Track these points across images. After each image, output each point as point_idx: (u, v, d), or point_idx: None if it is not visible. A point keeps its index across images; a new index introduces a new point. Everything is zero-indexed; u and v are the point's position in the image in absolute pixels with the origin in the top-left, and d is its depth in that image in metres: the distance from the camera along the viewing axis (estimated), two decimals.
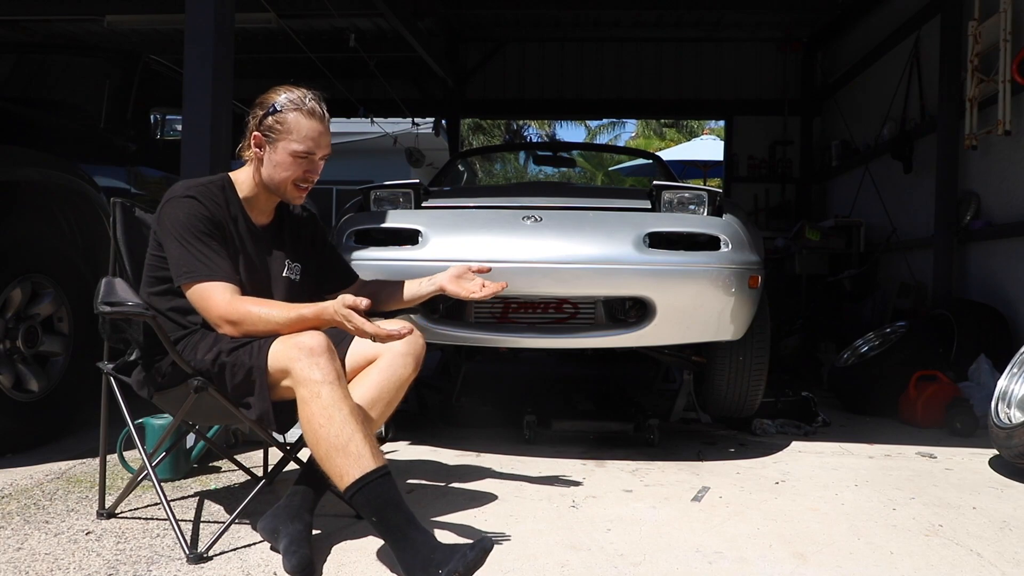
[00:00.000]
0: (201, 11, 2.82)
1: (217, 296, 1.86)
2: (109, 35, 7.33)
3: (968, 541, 2.06)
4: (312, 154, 2.00)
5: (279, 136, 1.98)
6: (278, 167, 1.99)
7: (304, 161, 2.00)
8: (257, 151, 2.01)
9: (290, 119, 1.97)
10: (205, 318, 1.90)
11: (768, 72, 8.49)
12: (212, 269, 1.87)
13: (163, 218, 1.93)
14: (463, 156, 6.11)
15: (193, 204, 1.92)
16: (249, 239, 2.03)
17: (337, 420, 1.69)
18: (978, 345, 4.20)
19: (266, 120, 1.98)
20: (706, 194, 2.95)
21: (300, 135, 1.97)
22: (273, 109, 1.98)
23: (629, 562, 1.85)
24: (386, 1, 5.93)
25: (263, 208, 2.09)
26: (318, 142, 2.00)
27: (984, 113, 4.75)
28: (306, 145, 1.98)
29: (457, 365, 3.75)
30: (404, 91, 8.62)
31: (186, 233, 1.89)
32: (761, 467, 2.87)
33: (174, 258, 1.89)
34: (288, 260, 2.12)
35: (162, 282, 1.96)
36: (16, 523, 2.02)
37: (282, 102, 1.98)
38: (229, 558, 1.82)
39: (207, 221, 1.92)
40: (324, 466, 1.71)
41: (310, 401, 1.71)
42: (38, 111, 3.33)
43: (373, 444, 1.71)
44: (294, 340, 1.76)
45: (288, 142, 1.97)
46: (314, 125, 1.99)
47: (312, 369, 1.72)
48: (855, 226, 6.71)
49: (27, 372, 2.83)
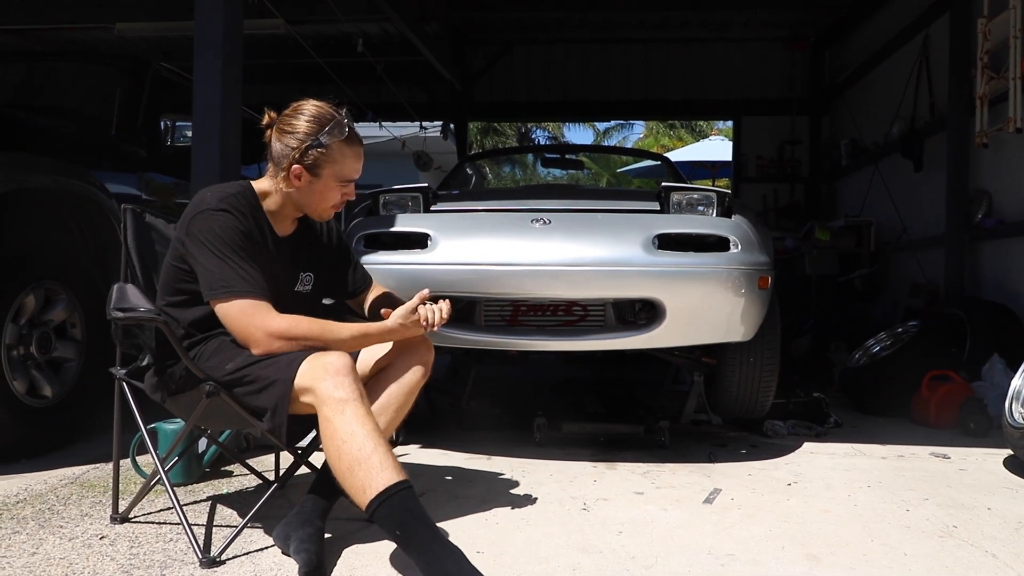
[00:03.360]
0: (210, 18, 2.84)
1: (263, 312, 1.83)
2: (119, 42, 7.37)
3: (983, 542, 2.05)
4: (355, 179, 2.01)
5: (323, 167, 1.95)
6: (319, 195, 1.99)
7: (348, 186, 2.01)
8: (296, 183, 1.96)
9: (335, 150, 1.94)
10: (241, 333, 1.85)
11: (776, 72, 8.47)
12: (252, 285, 1.84)
13: (194, 230, 1.87)
14: (471, 159, 6.12)
15: (229, 218, 1.88)
16: (275, 252, 2.01)
17: (359, 436, 1.69)
18: (991, 344, 4.17)
19: (309, 153, 1.93)
20: (715, 195, 2.94)
21: (347, 166, 1.97)
22: (317, 143, 1.92)
23: (641, 565, 1.85)
24: (393, 6, 5.95)
25: (287, 220, 2.07)
26: (360, 168, 2.01)
27: (995, 111, 4.72)
28: (352, 174, 1.99)
29: (467, 368, 3.75)
30: (412, 95, 8.64)
31: (223, 247, 1.84)
32: (773, 468, 2.86)
33: (208, 271, 1.84)
34: (302, 272, 2.11)
35: (182, 293, 1.93)
36: (31, 528, 2.04)
37: (326, 136, 1.92)
38: (242, 562, 1.83)
39: (243, 235, 1.89)
40: (345, 482, 1.69)
41: (333, 418, 1.71)
42: (50, 118, 3.36)
43: (394, 459, 1.70)
44: (321, 360, 1.76)
45: (334, 171, 1.96)
46: (357, 152, 1.99)
47: (337, 388, 1.72)
48: (865, 226, 6.68)
49: (41, 378, 2.85)
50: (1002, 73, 4.57)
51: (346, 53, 7.03)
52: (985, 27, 4.75)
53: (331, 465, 1.73)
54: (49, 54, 5.31)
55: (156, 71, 3.80)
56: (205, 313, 1.91)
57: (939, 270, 5.53)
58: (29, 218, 2.94)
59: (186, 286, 1.93)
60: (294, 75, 7.73)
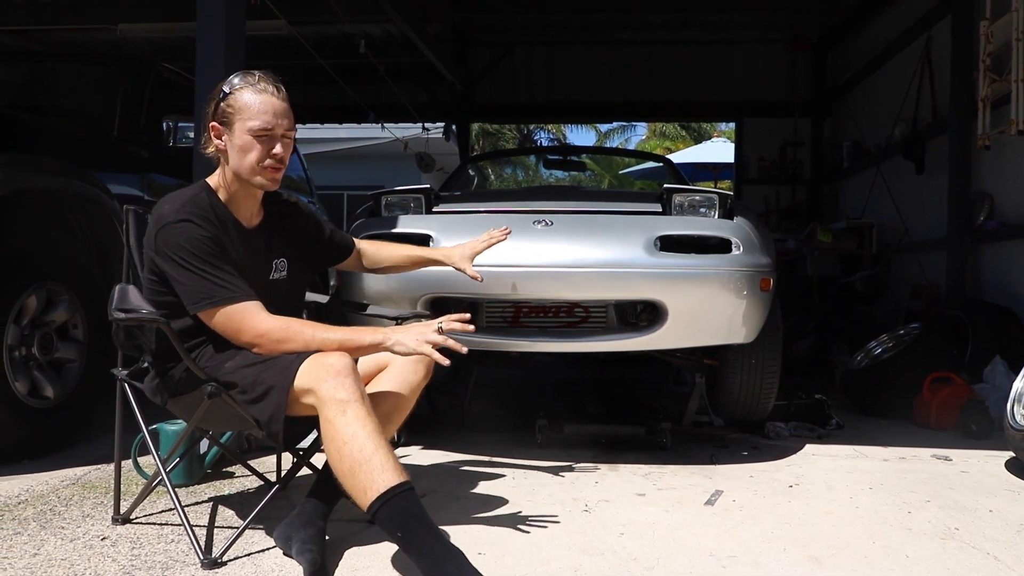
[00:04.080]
0: (212, 19, 2.85)
1: (251, 315, 1.82)
2: (121, 43, 7.39)
3: (985, 544, 2.05)
4: (270, 130, 1.91)
5: (234, 118, 1.90)
6: (241, 152, 1.91)
7: (265, 139, 1.91)
8: (219, 143, 1.94)
9: (241, 99, 1.90)
10: (234, 338, 1.84)
11: (778, 73, 8.48)
12: (233, 291, 1.82)
13: (160, 246, 1.85)
14: (474, 160, 6.11)
15: (191, 227, 1.84)
16: (243, 245, 1.96)
17: (360, 437, 1.68)
18: (993, 346, 4.16)
19: (220, 107, 1.92)
20: (717, 196, 2.94)
21: (254, 111, 1.89)
22: (223, 94, 1.92)
23: (642, 566, 1.84)
24: (395, 7, 5.96)
25: (249, 208, 2.01)
26: (275, 115, 1.91)
27: (997, 113, 4.72)
28: (262, 120, 1.89)
29: (468, 369, 3.75)
30: (414, 96, 8.65)
31: (193, 260, 1.82)
32: (775, 470, 2.85)
33: (184, 286, 1.83)
34: (276, 259, 2.06)
35: (161, 307, 1.90)
36: (32, 529, 2.04)
37: (230, 85, 1.92)
38: (243, 563, 1.83)
39: (210, 241, 1.85)
40: (347, 483, 1.69)
41: (334, 420, 1.70)
42: (52, 119, 3.36)
43: (395, 460, 1.70)
44: (322, 361, 1.75)
45: (243, 121, 1.90)
46: (266, 99, 1.91)
47: (338, 389, 1.71)
48: (867, 227, 6.68)
49: (42, 378, 2.85)
50: (1004, 75, 4.57)
51: (348, 54, 7.05)
52: (987, 29, 4.75)
53: (332, 466, 1.72)
54: (51, 55, 5.32)
55: (158, 72, 3.80)
56: (191, 323, 1.90)
57: (941, 272, 5.53)
58: (31, 219, 2.94)
59: (163, 299, 1.90)
60: (296, 76, 7.73)
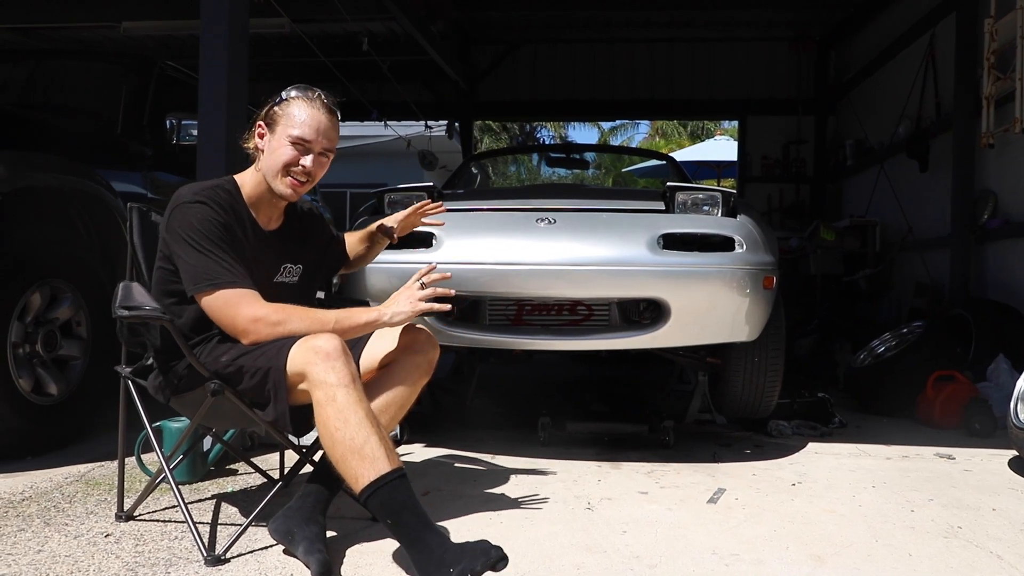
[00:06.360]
0: (216, 17, 2.85)
1: (249, 300, 1.83)
2: (125, 41, 7.40)
3: (988, 543, 2.04)
4: (308, 141, 1.94)
5: (278, 122, 1.95)
6: (273, 153, 1.95)
7: (301, 148, 1.94)
8: (259, 142, 1.98)
9: (291, 107, 1.95)
10: (229, 324, 1.84)
11: (781, 71, 8.46)
12: (235, 275, 1.84)
13: (173, 224, 1.87)
14: (476, 158, 6.11)
15: (205, 209, 1.87)
16: (256, 244, 1.98)
17: (352, 422, 1.69)
18: (997, 345, 4.16)
19: (271, 110, 1.97)
20: (720, 195, 2.94)
21: (298, 120, 1.93)
22: (279, 99, 1.97)
23: (645, 564, 1.85)
24: (399, 5, 5.95)
25: (270, 211, 2.04)
26: (317, 130, 1.94)
27: (1001, 111, 4.71)
28: (302, 131, 1.93)
29: (471, 367, 3.76)
30: (417, 94, 8.65)
31: (202, 240, 1.84)
32: (777, 468, 2.85)
33: (190, 265, 1.84)
34: (290, 264, 2.09)
35: (171, 295, 1.92)
36: (36, 525, 2.05)
37: (287, 93, 1.97)
38: (246, 560, 1.83)
39: (222, 226, 1.88)
40: (340, 468, 1.71)
41: (326, 404, 1.71)
42: (56, 117, 3.37)
43: (388, 446, 1.71)
44: (311, 344, 1.76)
45: (286, 127, 1.94)
46: (314, 113, 1.95)
47: (328, 372, 1.72)
48: (870, 226, 6.67)
49: (46, 376, 2.86)
50: (1008, 73, 4.56)
51: (352, 52, 7.05)
52: (992, 27, 4.74)
53: (326, 452, 1.74)
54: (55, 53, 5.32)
55: (162, 70, 3.81)
56: (195, 316, 1.91)
57: (944, 270, 5.52)
58: (35, 216, 2.95)
59: (173, 287, 1.92)
60: (300, 74, 7.71)
